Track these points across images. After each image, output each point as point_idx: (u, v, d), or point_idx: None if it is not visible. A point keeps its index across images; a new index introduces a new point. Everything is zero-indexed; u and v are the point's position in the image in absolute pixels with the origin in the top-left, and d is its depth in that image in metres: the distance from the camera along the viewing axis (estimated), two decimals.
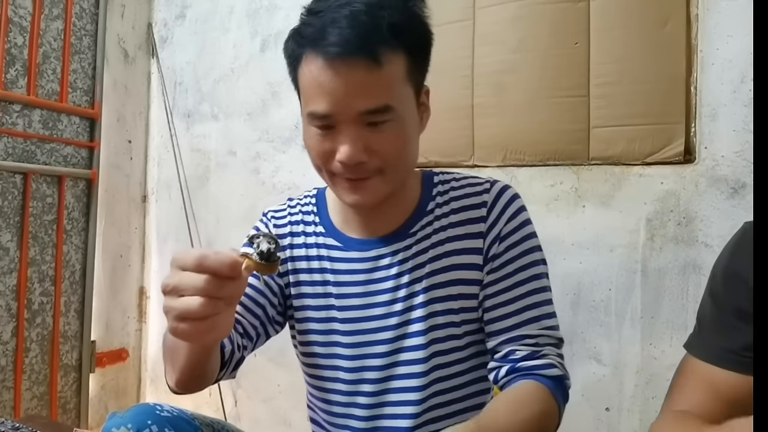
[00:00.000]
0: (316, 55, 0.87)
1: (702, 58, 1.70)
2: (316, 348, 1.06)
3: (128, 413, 0.87)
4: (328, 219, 1.08)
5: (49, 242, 2.38)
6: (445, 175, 1.07)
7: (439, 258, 1.00)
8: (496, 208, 1.00)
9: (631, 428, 1.79)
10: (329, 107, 0.87)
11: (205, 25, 2.66)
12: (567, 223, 1.86)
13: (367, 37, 0.85)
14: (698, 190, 1.70)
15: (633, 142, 1.78)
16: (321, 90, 0.87)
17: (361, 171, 0.91)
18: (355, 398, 1.03)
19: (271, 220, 1.12)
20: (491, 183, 1.03)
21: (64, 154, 2.42)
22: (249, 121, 2.53)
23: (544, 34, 1.90)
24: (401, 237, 1.02)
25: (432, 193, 1.04)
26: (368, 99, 0.87)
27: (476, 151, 2.00)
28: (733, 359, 0.85)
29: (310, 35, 0.88)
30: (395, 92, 0.89)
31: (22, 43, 2.25)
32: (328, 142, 0.91)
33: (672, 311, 1.73)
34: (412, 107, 0.94)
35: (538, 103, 1.91)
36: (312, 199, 1.13)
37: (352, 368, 1.02)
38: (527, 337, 0.95)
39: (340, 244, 1.05)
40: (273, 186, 2.46)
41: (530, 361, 0.94)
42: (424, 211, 1.03)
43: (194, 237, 2.63)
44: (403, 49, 0.89)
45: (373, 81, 0.86)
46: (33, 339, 2.32)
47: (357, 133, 0.88)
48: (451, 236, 1.00)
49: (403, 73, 0.90)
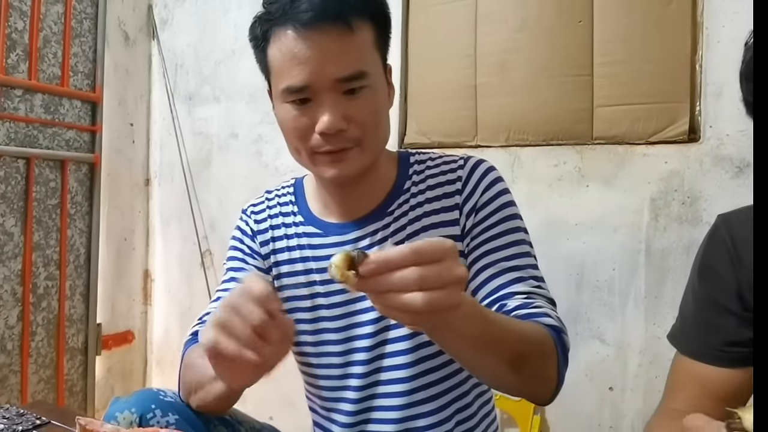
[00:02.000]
0: (286, 28, 0.88)
1: (707, 36, 1.68)
2: (305, 337, 1.06)
3: (132, 398, 0.87)
4: (306, 207, 1.09)
5: (53, 227, 2.38)
6: (421, 155, 1.07)
7: (416, 234, 0.99)
8: (471, 181, 1.00)
9: (634, 407, 1.80)
10: (306, 77, 0.87)
11: (205, 6, 2.64)
12: (570, 203, 1.85)
13: (338, 4, 0.86)
14: (702, 169, 1.69)
15: (637, 122, 1.77)
16: (296, 61, 0.87)
17: (342, 140, 0.91)
18: (347, 381, 1.03)
19: (251, 216, 1.13)
20: (465, 159, 1.03)
21: (67, 138, 2.42)
22: (251, 103, 2.52)
23: (548, 13, 1.88)
24: (379, 217, 1.02)
25: (408, 173, 1.04)
26: (344, 65, 0.87)
27: (479, 131, 1.99)
28: (717, 355, 0.85)
29: (279, 9, 0.88)
30: (367, 59, 0.91)
31: (22, 27, 2.23)
32: (306, 116, 0.91)
33: (675, 291, 1.72)
34: (382, 78, 0.95)
35: (542, 83, 1.89)
36: (290, 188, 1.14)
37: (341, 352, 1.03)
38: (518, 293, 0.91)
39: (320, 231, 1.05)
40: (275, 168, 2.45)
41: (524, 310, 0.88)
42: (401, 190, 1.03)
43: (197, 220, 2.63)
44: (370, 18, 0.91)
45: (347, 47, 0.87)
46: (39, 323, 2.33)
47: (335, 101, 0.89)
48: (428, 211, 1.00)
49: (372, 41, 0.92)
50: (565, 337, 0.88)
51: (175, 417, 0.87)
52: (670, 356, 0.95)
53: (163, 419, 0.86)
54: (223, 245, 2.58)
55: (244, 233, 1.12)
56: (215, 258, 2.61)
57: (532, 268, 0.96)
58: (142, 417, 0.85)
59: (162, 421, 0.85)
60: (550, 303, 0.93)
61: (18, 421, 1.08)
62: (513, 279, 0.93)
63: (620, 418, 1.82)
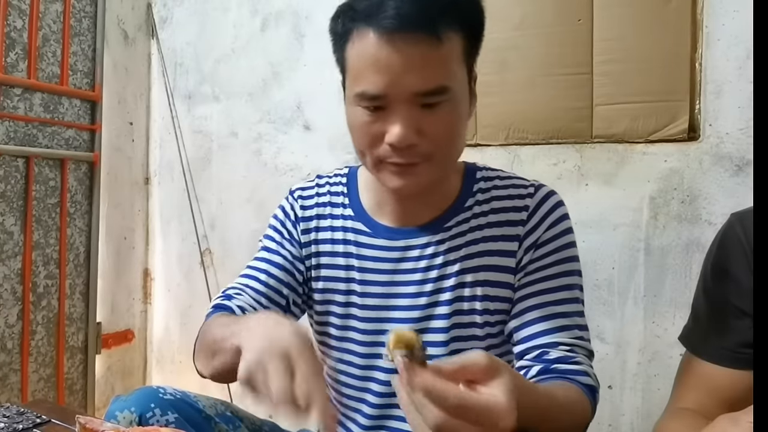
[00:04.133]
0: (370, 30, 0.82)
1: (707, 34, 1.68)
2: (331, 330, 1.04)
3: (131, 397, 0.87)
4: (358, 202, 1.04)
5: (52, 225, 2.38)
6: (489, 172, 1.02)
7: (471, 257, 0.96)
8: (537, 213, 0.96)
9: (633, 406, 1.80)
10: (383, 87, 0.82)
11: (204, 5, 2.64)
12: (570, 201, 1.82)
13: (428, 12, 0.80)
14: (702, 167, 1.69)
15: (636, 120, 1.76)
16: (375, 68, 0.82)
17: (411, 155, 0.86)
18: (368, 384, 1.01)
19: (298, 200, 1.08)
20: (536, 187, 0.99)
21: (66, 137, 2.42)
22: (250, 102, 2.51)
23: (547, 11, 1.88)
24: (435, 230, 0.98)
25: (473, 189, 1.00)
26: (426, 79, 0.82)
27: (479, 129, 1.99)
28: (729, 356, 0.84)
29: (365, 9, 0.83)
30: (452, 72, 0.85)
31: (21, 26, 2.23)
32: (378, 124, 0.86)
33: (675, 290, 1.72)
34: (465, 91, 0.90)
35: (541, 81, 1.89)
36: (343, 178, 1.08)
37: (365, 354, 1.01)
38: (561, 344, 0.89)
39: (368, 230, 1.01)
40: (275, 167, 2.45)
41: (565, 365, 0.86)
42: (462, 206, 0.99)
43: (197, 218, 2.63)
44: (461, 28, 0.85)
45: (432, 59, 0.82)
46: (39, 322, 2.33)
47: (410, 113, 0.84)
48: (488, 236, 0.96)
49: (460, 53, 0.86)
50: (597, 396, 0.88)
51: (174, 415, 0.87)
52: (670, 354, 0.95)
53: (163, 418, 0.86)
54: (223, 244, 2.58)
55: (287, 215, 1.08)
56: (215, 257, 2.61)
57: (578, 315, 0.94)
58: (141, 416, 0.85)
59: (162, 420, 0.86)
60: (589, 355, 0.92)
61: (18, 419, 1.08)
62: (558, 327, 0.91)
63: (619, 417, 1.82)
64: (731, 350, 0.84)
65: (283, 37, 2.42)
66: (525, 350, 0.92)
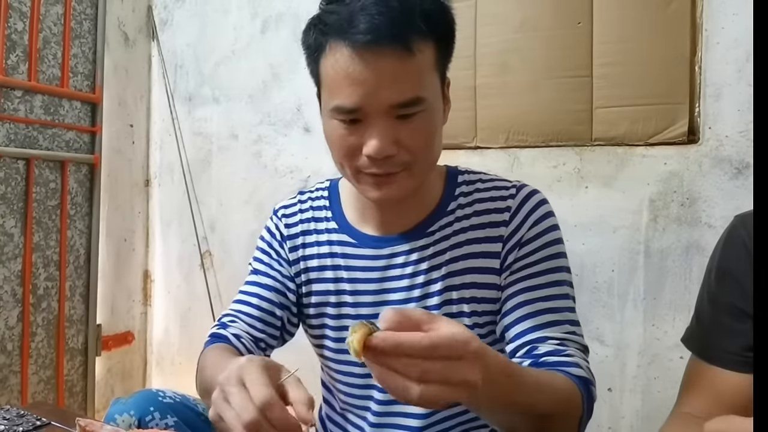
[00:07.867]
0: (342, 45, 0.82)
1: (707, 37, 1.68)
2: (327, 342, 1.04)
3: (131, 400, 0.88)
4: (341, 214, 1.05)
5: (53, 227, 2.38)
6: (470, 175, 1.02)
7: (456, 260, 0.96)
8: (520, 213, 0.96)
9: (633, 409, 1.80)
10: (358, 100, 0.82)
11: (205, 7, 2.64)
12: (570, 204, 1.86)
13: (400, 25, 0.80)
14: (702, 170, 1.69)
15: (636, 123, 1.77)
16: (349, 82, 0.82)
17: (389, 165, 0.86)
18: (369, 391, 1.01)
19: (282, 219, 1.08)
20: (518, 188, 0.99)
21: (66, 139, 2.42)
22: (250, 104, 2.52)
23: (547, 14, 1.88)
24: (418, 236, 0.98)
25: (455, 193, 1.00)
26: (400, 91, 0.82)
27: (479, 132, 1.99)
28: (734, 359, 0.83)
29: (336, 23, 0.82)
30: (426, 82, 0.85)
31: (22, 28, 2.23)
32: (354, 136, 0.86)
33: (675, 292, 1.72)
34: (439, 98, 0.91)
35: (541, 84, 1.89)
36: (324, 192, 1.09)
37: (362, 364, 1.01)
38: (550, 338, 0.88)
39: (354, 241, 1.01)
40: (275, 169, 2.46)
41: (555, 357, 0.86)
42: (445, 210, 0.99)
43: (197, 220, 2.63)
44: (433, 38, 0.85)
45: (405, 71, 0.82)
46: (39, 323, 2.33)
47: (386, 125, 0.84)
48: (471, 239, 0.96)
49: (433, 63, 0.87)
50: (592, 389, 0.86)
51: (173, 419, 0.87)
52: (670, 357, 0.95)
53: (162, 421, 0.86)
54: (222, 246, 2.59)
55: (273, 236, 1.09)
56: (215, 259, 2.61)
57: (569, 311, 0.93)
58: (140, 419, 0.85)
59: (161, 423, 0.86)
60: (583, 350, 0.91)
61: (18, 421, 1.08)
62: (547, 322, 0.90)
63: (619, 419, 1.82)
64: (736, 354, 0.83)
65: (283, 39, 2.42)
66: (515, 348, 0.91)
